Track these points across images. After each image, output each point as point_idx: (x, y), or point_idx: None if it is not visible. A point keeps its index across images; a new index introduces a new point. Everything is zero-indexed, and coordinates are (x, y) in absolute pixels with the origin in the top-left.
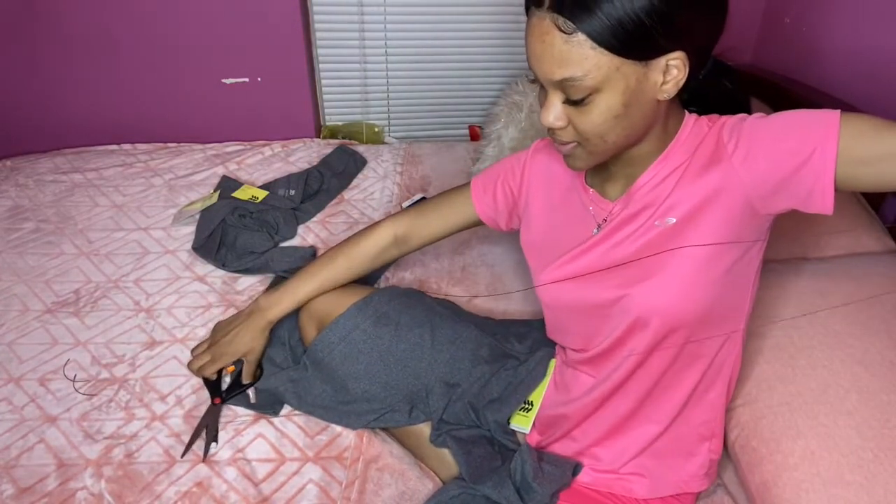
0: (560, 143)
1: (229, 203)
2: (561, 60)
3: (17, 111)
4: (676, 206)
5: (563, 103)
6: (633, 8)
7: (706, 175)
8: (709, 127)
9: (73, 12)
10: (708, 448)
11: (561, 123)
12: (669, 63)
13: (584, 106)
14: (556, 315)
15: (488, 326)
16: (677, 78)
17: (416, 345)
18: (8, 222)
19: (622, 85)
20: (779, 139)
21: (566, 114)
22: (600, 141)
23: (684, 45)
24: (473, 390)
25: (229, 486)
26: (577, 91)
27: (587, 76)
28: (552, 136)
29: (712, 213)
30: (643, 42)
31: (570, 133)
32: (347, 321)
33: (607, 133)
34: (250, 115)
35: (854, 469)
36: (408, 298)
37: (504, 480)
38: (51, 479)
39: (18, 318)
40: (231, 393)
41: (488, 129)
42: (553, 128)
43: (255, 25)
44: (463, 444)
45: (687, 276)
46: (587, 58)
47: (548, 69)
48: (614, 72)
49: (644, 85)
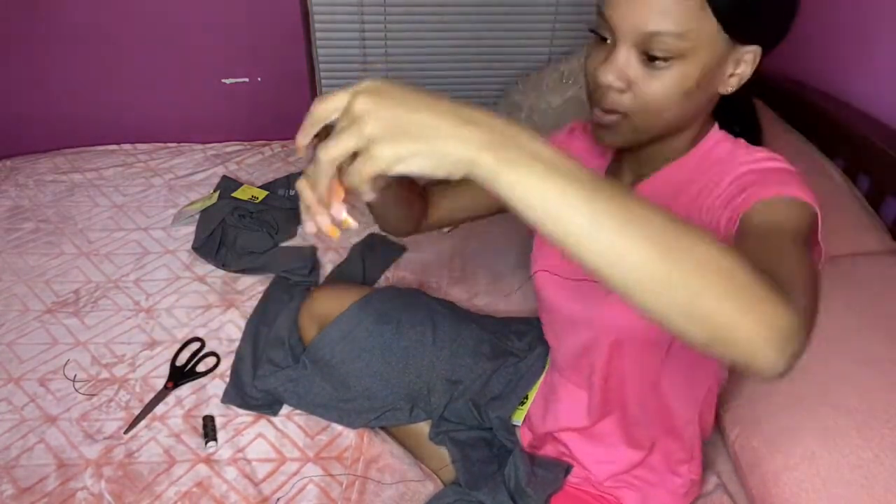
0: (604, 111)
1: (229, 203)
2: (664, 11)
3: (16, 111)
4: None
5: (635, 61)
6: None
7: (688, 198)
8: (732, 155)
9: (73, 12)
10: (688, 469)
11: (621, 84)
12: (745, 55)
13: (658, 69)
14: (539, 303)
15: (488, 324)
16: (743, 74)
17: (417, 342)
18: (8, 222)
19: (706, 58)
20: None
21: (631, 77)
22: (657, 116)
23: (766, 40)
24: (475, 387)
25: (229, 486)
26: (662, 48)
27: (685, 35)
28: (598, 98)
29: None
30: (750, 20)
31: (625, 100)
32: (349, 319)
33: (668, 108)
34: (250, 115)
35: (854, 469)
36: (408, 297)
37: (499, 486)
38: (51, 479)
39: (18, 318)
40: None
41: None
42: (610, 87)
43: (255, 25)
44: (461, 448)
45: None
46: (693, 16)
47: (642, 17)
48: (707, 41)
49: (719, 69)
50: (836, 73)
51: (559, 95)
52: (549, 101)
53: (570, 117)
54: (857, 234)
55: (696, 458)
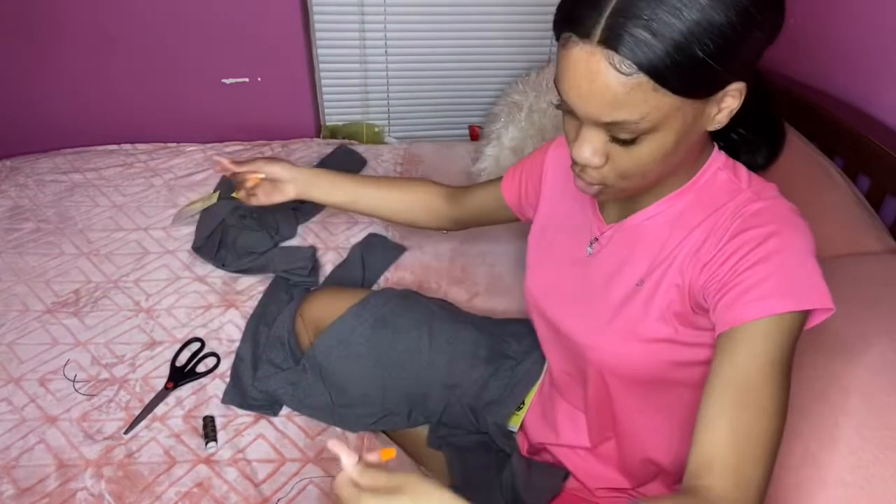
0: (587, 183)
1: (229, 203)
2: (615, 103)
3: (17, 111)
4: (652, 262)
5: (606, 138)
6: (704, 43)
7: (683, 246)
8: (729, 195)
9: (73, 12)
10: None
11: (598, 161)
12: (728, 95)
13: (630, 146)
14: (534, 319)
15: (486, 326)
16: (731, 107)
17: (413, 347)
18: (8, 222)
19: (679, 123)
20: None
21: (605, 150)
22: (641, 180)
23: (747, 74)
24: (472, 392)
25: (230, 487)
26: (627, 132)
27: (644, 119)
28: (579, 171)
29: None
30: (711, 79)
31: (605, 171)
32: (345, 325)
33: (651, 172)
34: (250, 115)
35: (854, 470)
36: (405, 300)
37: (496, 492)
38: (51, 480)
39: (18, 318)
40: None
41: (488, 128)
42: (588, 165)
43: (255, 25)
44: (459, 453)
45: (632, 340)
46: (647, 100)
47: (595, 110)
48: (674, 112)
49: (699, 119)
50: (837, 73)
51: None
52: (549, 101)
53: None
54: (857, 234)
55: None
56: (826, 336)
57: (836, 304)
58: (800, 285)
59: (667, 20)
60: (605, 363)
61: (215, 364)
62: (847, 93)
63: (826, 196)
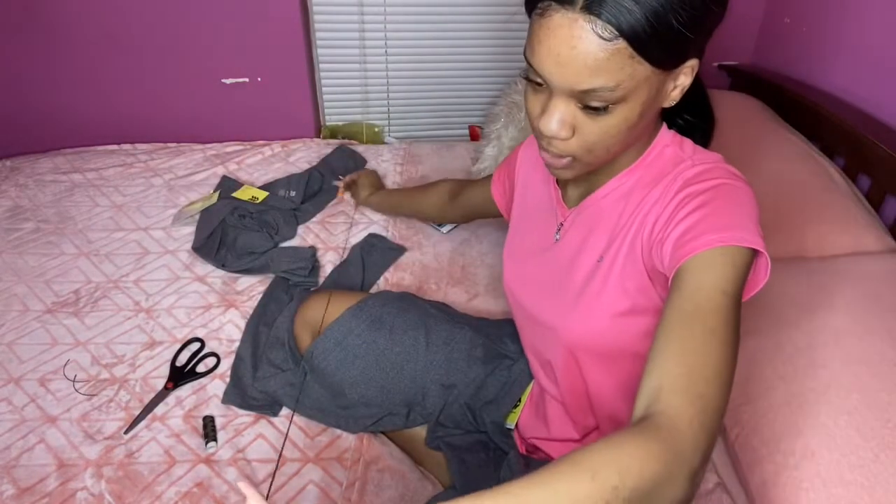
0: (554, 156)
1: (229, 203)
2: (595, 69)
3: (17, 111)
4: (614, 237)
5: (574, 109)
6: (678, 12)
7: (636, 218)
8: (673, 164)
9: (73, 12)
10: None
11: (566, 133)
12: (683, 71)
13: (599, 115)
14: (509, 306)
15: (482, 327)
16: (684, 84)
17: (411, 348)
18: (8, 222)
19: (645, 95)
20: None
21: (573, 122)
22: (605, 153)
23: (702, 50)
24: (469, 391)
25: (230, 487)
26: (599, 100)
27: (619, 86)
28: (546, 145)
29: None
30: (681, 50)
31: (572, 145)
32: (342, 326)
33: (615, 144)
34: (250, 115)
35: (854, 469)
36: (401, 302)
37: None
38: (51, 480)
39: (18, 318)
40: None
41: (488, 128)
42: (555, 137)
43: (255, 25)
44: (457, 452)
45: (598, 317)
46: (623, 67)
47: (573, 77)
48: (644, 82)
49: (660, 94)
50: (837, 72)
51: None
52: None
53: None
54: (857, 233)
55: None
56: (826, 335)
57: (835, 304)
58: (739, 224)
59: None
60: (575, 342)
61: (215, 364)
62: (848, 93)
63: (826, 196)
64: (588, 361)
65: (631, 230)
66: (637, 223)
